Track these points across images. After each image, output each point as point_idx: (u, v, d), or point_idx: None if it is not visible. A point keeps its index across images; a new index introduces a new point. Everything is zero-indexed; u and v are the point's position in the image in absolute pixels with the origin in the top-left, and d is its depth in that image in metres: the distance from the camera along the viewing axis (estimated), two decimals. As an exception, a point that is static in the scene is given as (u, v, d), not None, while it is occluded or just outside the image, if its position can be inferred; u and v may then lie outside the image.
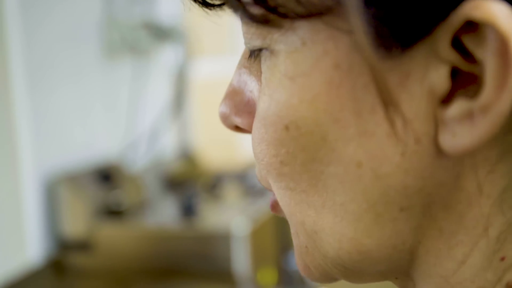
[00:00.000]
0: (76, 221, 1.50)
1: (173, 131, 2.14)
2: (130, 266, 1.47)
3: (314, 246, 0.32)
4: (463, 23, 0.24)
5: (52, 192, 1.51)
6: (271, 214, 1.58)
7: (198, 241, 1.42)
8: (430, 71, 0.26)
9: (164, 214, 1.62)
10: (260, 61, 0.31)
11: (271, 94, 0.30)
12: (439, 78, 0.26)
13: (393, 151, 0.27)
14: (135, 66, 1.92)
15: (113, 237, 1.49)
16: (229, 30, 2.91)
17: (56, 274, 1.49)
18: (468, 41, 0.25)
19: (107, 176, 1.62)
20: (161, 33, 1.92)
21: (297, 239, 0.33)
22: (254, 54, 0.32)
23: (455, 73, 0.26)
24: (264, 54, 0.30)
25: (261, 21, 0.28)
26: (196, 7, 0.32)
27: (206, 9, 0.31)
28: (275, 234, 1.59)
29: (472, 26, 0.25)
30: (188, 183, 1.90)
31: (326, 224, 0.30)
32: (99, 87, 1.76)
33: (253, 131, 0.32)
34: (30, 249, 1.46)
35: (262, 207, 1.57)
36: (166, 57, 2.11)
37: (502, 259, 0.28)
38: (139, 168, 1.83)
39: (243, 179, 1.90)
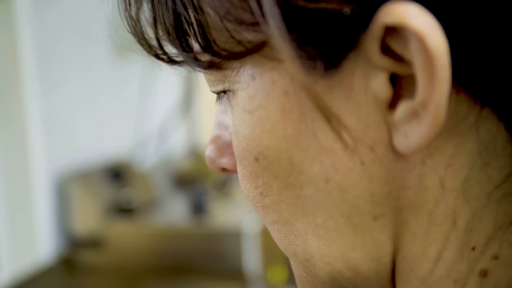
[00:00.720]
0: (87, 219, 1.51)
1: (182, 130, 2.14)
2: (140, 264, 1.47)
3: (311, 275, 0.33)
4: (384, 29, 0.25)
5: (63, 190, 1.52)
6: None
7: (208, 239, 1.43)
8: (370, 81, 0.27)
9: (174, 212, 1.63)
10: (230, 103, 0.33)
11: (237, 131, 0.31)
12: (380, 85, 0.26)
13: (352, 162, 0.28)
14: (145, 65, 1.92)
15: (124, 234, 1.50)
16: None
17: (67, 272, 1.50)
18: (396, 45, 0.26)
19: (117, 174, 1.62)
20: (170, 31, 1.93)
21: (297, 270, 0.34)
22: (220, 97, 0.34)
23: (397, 79, 0.27)
24: (229, 95, 0.32)
25: (210, 67, 0.30)
26: (164, 65, 0.34)
27: (173, 66, 0.33)
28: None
29: (396, 30, 0.25)
30: (197, 181, 1.90)
31: (314, 249, 0.31)
32: (109, 85, 1.77)
33: (237, 171, 0.33)
34: (42, 247, 1.47)
35: (271, 205, 1.57)
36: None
37: (473, 248, 0.28)
38: (149, 166, 1.84)
39: (252, 177, 1.90)
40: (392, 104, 0.27)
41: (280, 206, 0.31)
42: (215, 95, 0.36)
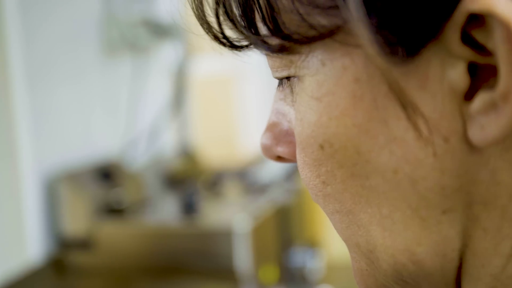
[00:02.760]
0: (77, 220, 1.50)
1: (173, 129, 2.13)
2: (131, 264, 1.46)
3: (373, 267, 0.32)
4: (467, 18, 0.25)
5: (52, 191, 1.50)
6: (272, 211, 1.58)
7: (199, 239, 1.42)
8: (447, 70, 0.26)
9: (165, 211, 1.62)
10: (292, 90, 0.33)
11: (302, 117, 0.31)
12: (458, 75, 0.26)
13: (425, 153, 0.27)
14: (135, 64, 1.91)
15: (114, 235, 1.49)
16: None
17: (56, 273, 1.49)
18: (478, 34, 0.25)
19: (107, 174, 1.61)
20: (160, 30, 1.92)
21: (357, 262, 0.34)
22: (283, 83, 0.34)
23: (475, 69, 0.26)
24: (293, 82, 0.32)
25: (280, 51, 0.30)
26: (226, 51, 0.34)
27: (235, 51, 0.34)
28: (277, 232, 1.59)
29: (479, 19, 0.25)
30: (188, 180, 1.89)
31: (378, 240, 0.31)
32: (99, 84, 1.76)
33: (297, 159, 0.33)
34: (31, 247, 1.45)
35: (263, 204, 1.56)
36: (166, 54, 2.10)
37: None
38: (139, 166, 1.83)
39: (244, 177, 1.90)
40: (469, 95, 0.27)
41: (343, 196, 0.31)
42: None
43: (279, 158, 0.36)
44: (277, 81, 0.36)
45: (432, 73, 0.26)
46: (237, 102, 2.94)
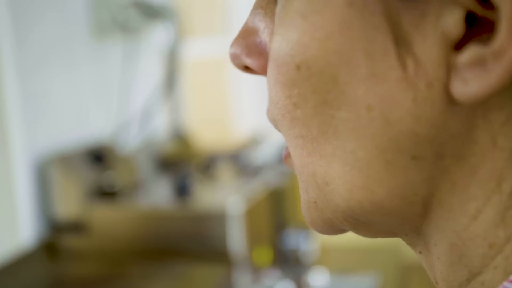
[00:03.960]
0: (69, 203, 1.49)
1: (165, 112, 2.12)
2: (124, 247, 1.46)
3: (324, 199, 0.31)
4: None
5: (44, 174, 1.49)
6: (266, 194, 1.57)
7: (192, 221, 1.41)
8: (444, 13, 0.25)
9: (158, 194, 1.61)
10: (275, 2, 0.31)
11: (283, 33, 0.29)
12: (454, 21, 0.25)
13: (404, 96, 0.26)
14: (126, 46, 1.89)
15: (107, 218, 1.48)
16: (220, 9, 2.88)
17: (49, 256, 1.48)
18: None
19: (99, 157, 1.60)
20: (152, 12, 1.90)
21: (306, 194, 0.33)
22: None
23: (471, 20, 0.25)
24: None
25: None
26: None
27: None
28: (270, 214, 1.58)
29: None
30: (181, 163, 1.88)
31: (337, 173, 0.29)
32: (90, 67, 1.74)
33: (268, 74, 0.31)
34: (23, 231, 1.44)
35: (256, 186, 1.56)
36: (157, 36, 2.08)
37: None
38: (131, 149, 1.82)
39: (237, 159, 1.89)
40: (459, 46, 0.25)
41: (312, 121, 0.29)
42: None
43: (246, 69, 0.35)
44: None
45: (429, 14, 0.25)
46: (230, 84, 2.93)
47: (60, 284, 1.40)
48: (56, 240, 1.50)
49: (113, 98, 1.84)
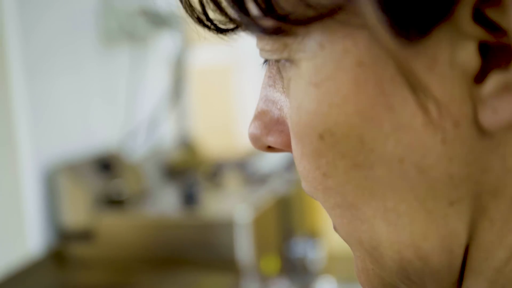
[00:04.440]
0: (77, 211, 1.49)
1: (172, 119, 2.12)
2: (131, 256, 1.46)
3: (378, 265, 0.30)
4: None
5: (52, 182, 1.49)
6: (273, 202, 1.57)
7: (200, 230, 1.41)
8: (457, 50, 0.25)
9: (165, 202, 1.61)
10: (281, 75, 0.31)
11: (298, 105, 0.29)
12: (468, 56, 0.25)
13: (433, 140, 0.26)
14: (133, 54, 1.90)
15: (114, 226, 1.48)
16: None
17: (57, 265, 1.48)
18: (491, 12, 0.24)
19: (106, 165, 1.60)
20: (158, 20, 1.90)
21: (362, 262, 0.32)
22: (269, 63, 0.32)
23: (486, 50, 0.25)
24: (284, 66, 0.30)
25: (275, 33, 0.28)
26: (210, 35, 0.32)
27: (221, 36, 0.31)
28: (277, 222, 1.58)
29: None
30: (188, 171, 1.88)
31: (382, 235, 0.29)
32: (97, 75, 1.74)
33: (293, 150, 0.31)
34: (31, 239, 1.44)
35: (263, 194, 1.55)
36: (164, 44, 2.09)
37: None
38: (138, 157, 1.82)
39: (243, 167, 1.89)
40: (480, 77, 0.25)
41: (345, 188, 0.29)
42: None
43: (270, 148, 0.34)
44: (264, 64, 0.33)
45: (442, 54, 0.25)
46: (236, 92, 2.93)
47: (68, 292, 1.40)
48: (64, 248, 1.50)
49: (120, 106, 1.85)
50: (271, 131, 0.33)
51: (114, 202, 1.54)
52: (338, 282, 1.51)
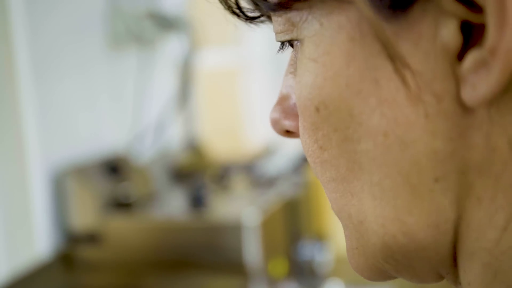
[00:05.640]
0: (85, 214, 1.49)
1: (179, 122, 2.12)
2: (140, 258, 1.46)
3: (362, 241, 0.31)
4: None
5: (60, 185, 1.50)
6: (281, 205, 1.57)
7: (208, 232, 1.41)
8: (440, 28, 0.26)
9: (173, 205, 1.61)
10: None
11: (300, 80, 0.30)
12: (450, 33, 0.25)
13: (416, 114, 0.26)
14: (140, 57, 1.90)
15: (122, 229, 1.48)
16: (234, 20, 2.88)
17: (65, 268, 1.49)
18: None
19: (114, 168, 1.60)
20: (166, 23, 1.91)
21: (350, 241, 0.33)
22: (283, 45, 0.34)
23: (469, 29, 0.26)
24: (297, 47, 0.32)
25: (279, 6, 0.30)
26: (240, 23, 0.34)
27: (249, 23, 0.34)
28: (285, 225, 1.58)
29: None
30: (195, 174, 1.88)
31: (368, 209, 0.29)
32: (105, 78, 1.75)
33: (299, 129, 0.33)
34: (39, 242, 1.45)
35: (271, 197, 1.55)
36: (172, 47, 2.09)
37: None
38: (146, 160, 1.82)
39: (251, 170, 1.89)
40: (461, 55, 0.26)
41: (339, 161, 0.30)
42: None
43: (288, 133, 0.36)
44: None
45: (425, 31, 0.26)
46: (243, 95, 2.93)
47: (76, 295, 1.40)
48: (72, 251, 1.50)
49: (127, 109, 1.85)
50: (288, 115, 0.35)
51: (122, 205, 1.54)
52: (346, 285, 1.50)
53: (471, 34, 0.26)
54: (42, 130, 1.47)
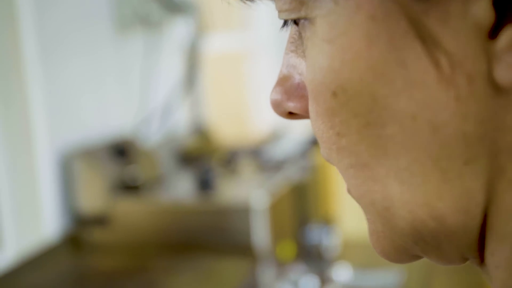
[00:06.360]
0: (92, 196, 1.49)
1: (185, 106, 2.12)
2: (147, 241, 1.46)
3: (389, 226, 0.30)
4: None
5: (68, 167, 1.50)
6: (289, 189, 1.57)
7: (216, 215, 1.41)
8: (471, 4, 0.24)
9: (180, 188, 1.61)
10: (301, 37, 0.31)
11: (313, 63, 0.29)
12: (482, 9, 0.24)
13: (446, 96, 0.25)
14: (147, 40, 1.89)
15: (130, 211, 1.48)
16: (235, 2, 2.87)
17: (73, 250, 1.49)
18: None
19: (121, 151, 1.60)
20: (173, 6, 1.89)
21: (373, 224, 0.32)
22: (286, 23, 0.32)
23: (501, 5, 0.24)
24: (303, 26, 0.29)
25: None
26: (235, 3, 0.32)
27: (247, 2, 0.31)
28: (293, 209, 1.58)
29: None
30: (202, 158, 1.88)
31: (395, 195, 0.28)
32: (112, 61, 1.74)
33: (309, 111, 0.31)
34: (47, 225, 1.45)
35: (279, 181, 1.55)
36: (178, 31, 2.08)
37: None
38: (153, 143, 1.82)
39: (258, 154, 1.88)
40: (494, 32, 0.24)
41: (359, 148, 0.28)
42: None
43: (291, 115, 0.34)
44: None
45: (455, 8, 0.24)
46: (250, 79, 2.92)
47: (84, 277, 1.40)
48: (79, 233, 1.51)
49: (134, 92, 1.84)
50: (291, 97, 0.33)
51: (129, 187, 1.54)
52: (354, 269, 1.50)
53: (506, 10, 0.24)
54: (50, 113, 1.46)
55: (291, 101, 0.33)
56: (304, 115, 0.33)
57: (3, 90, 1.39)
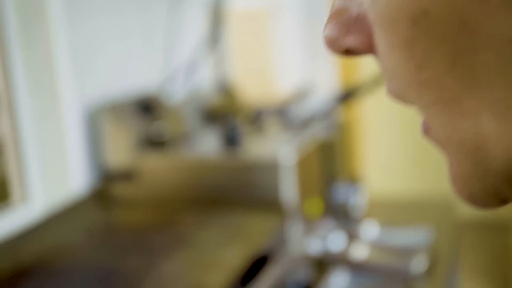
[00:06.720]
0: (119, 152, 1.49)
1: (210, 64, 2.10)
2: (174, 196, 1.46)
3: (481, 168, 0.27)
4: None
5: (94, 123, 1.49)
6: (315, 146, 1.55)
7: (243, 171, 1.40)
8: None
9: (206, 145, 1.60)
10: None
11: None
12: None
13: None
14: (172, -4, 1.86)
15: (156, 167, 1.48)
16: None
17: (100, 204, 1.50)
18: None
19: (147, 107, 1.59)
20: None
21: (460, 167, 0.28)
22: None
23: None
24: None
25: None
26: None
27: None
28: (320, 167, 1.56)
29: None
30: (227, 116, 1.87)
31: (490, 132, 0.25)
32: (136, 18, 1.72)
33: (378, 45, 0.27)
34: (74, 180, 1.45)
35: (305, 139, 1.53)
36: (203, -13, 2.05)
37: None
38: (178, 100, 1.80)
39: (283, 113, 1.86)
40: None
41: (444, 80, 0.25)
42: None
43: (347, 52, 0.30)
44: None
45: None
46: (275, 37, 2.88)
47: (111, 231, 1.41)
48: (106, 188, 1.51)
49: (159, 50, 1.82)
50: (350, 31, 0.29)
51: (155, 143, 1.54)
52: (381, 227, 1.49)
53: None
54: (76, 69, 1.45)
55: (350, 35, 0.29)
56: (364, 50, 0.29)
57: (29, 48, 1.38)
